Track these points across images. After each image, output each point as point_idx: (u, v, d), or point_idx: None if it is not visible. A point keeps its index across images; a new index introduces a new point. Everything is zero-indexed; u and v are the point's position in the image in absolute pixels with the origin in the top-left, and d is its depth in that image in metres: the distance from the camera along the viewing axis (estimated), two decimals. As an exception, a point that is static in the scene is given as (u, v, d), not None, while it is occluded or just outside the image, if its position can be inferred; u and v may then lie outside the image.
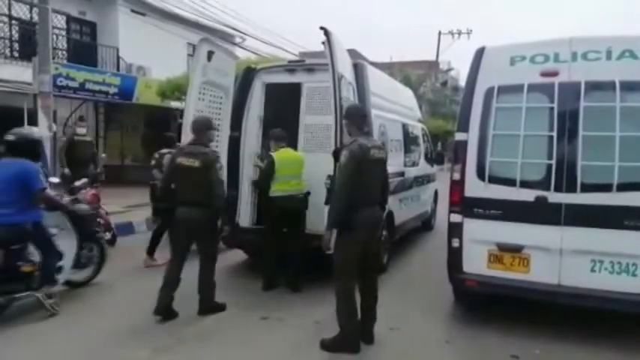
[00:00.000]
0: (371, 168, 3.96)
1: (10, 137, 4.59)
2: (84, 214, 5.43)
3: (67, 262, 5.01)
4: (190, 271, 4.74)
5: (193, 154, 4.56)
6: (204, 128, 4.72)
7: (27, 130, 4.97)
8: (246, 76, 6.32)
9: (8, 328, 4.32)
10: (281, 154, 5.51)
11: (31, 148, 4.67)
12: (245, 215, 6.20)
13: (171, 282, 4.58)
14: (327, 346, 3.99)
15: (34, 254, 4.74)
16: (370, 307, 4.14)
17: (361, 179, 3.85)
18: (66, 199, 5.38)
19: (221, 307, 4.82)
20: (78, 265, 5.28)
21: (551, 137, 4.14)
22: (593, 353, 3.99)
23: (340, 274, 3.96)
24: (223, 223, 4.75)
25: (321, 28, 4.62)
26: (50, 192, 4.87)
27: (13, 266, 4.50)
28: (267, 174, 5.50)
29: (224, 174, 4.92)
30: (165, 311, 4.54)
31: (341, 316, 3.98)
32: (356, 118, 4.14)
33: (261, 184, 5.68)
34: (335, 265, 3.96)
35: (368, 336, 4.12)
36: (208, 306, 4.75)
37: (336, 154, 4.39)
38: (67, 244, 5.02)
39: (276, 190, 5.45)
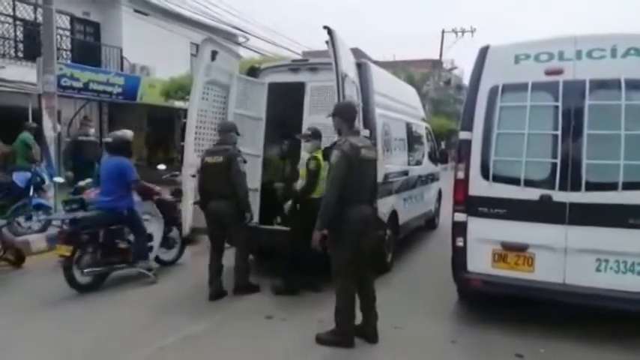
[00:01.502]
0: (361, 168, 3.99)
1: (109, 139, 5.83)
2: (169, 202, 6.36)
3: (155, 242, 6.08)
4: (194, 271, 4.75)
5: (217, 152, 5.15)
6: (227, 130, 5.28)
7: (121, 133, 5.95)
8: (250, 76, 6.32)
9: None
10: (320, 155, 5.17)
11: (125, 148, 5.75)
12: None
13: (216, 271, 5.21)
14: (322, 340, 4.05)
15: (129, 235, 5.74)
16: (371, 307, 4.15)
17: (352, 179, 3.88)
18: (157, 188, 6.28)
19: (254, 288, 5.31)
20: (166, 245, 6.35)
21: (555, 136, 4.13)
22: (598, 353, 3.97)
23: (338, 274, 4.00)
24: (247, 212, 5.21)
25: (325, 27, 4.62)
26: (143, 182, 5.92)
27: (112, 243, 5.59)
28: (317, 177, 5.12)
29: (244, 167, 5.25)
30: (217, 296, 5.14)
31: (339, 315, 4.03)
32: (346, 115, 4.15)
33: (309, 189, 5.19)
34: (332, 264, 4.00)
35: (372, 335, 4.13)
36: (241, 286, 5.25)
37: (325, 153, 4.37)
38: (155, 228, 6.10)
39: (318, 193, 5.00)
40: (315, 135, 5.34)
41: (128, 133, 5.91)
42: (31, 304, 4.99)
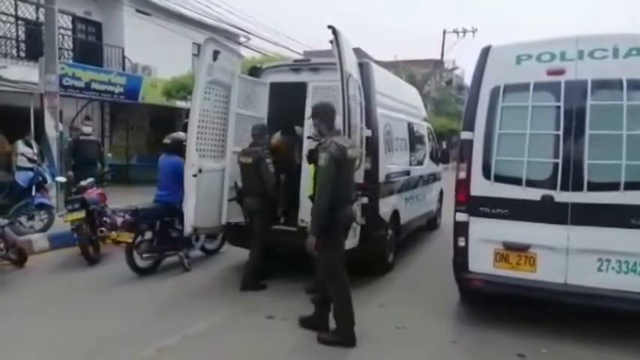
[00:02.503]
0: (348, 167, 4.05)
1: (167, 141, 6.43)
2: None
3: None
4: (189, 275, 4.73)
5: (248, 153, 5.49)
6: (259, 133, 5.59)
7: (176, 134, 6.64)
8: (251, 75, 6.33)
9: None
10: None
11: (180, 148, 6.11)
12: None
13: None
14: (324, 340, 4.08)
15: (179, 225, 6.07)
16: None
17: (341, 180, 3.93)
18: None
19: (261, 287, 5.43)
20: (210, 236, 6.80)
21: (557, 136, 4.13)
22: (600, 353, 3.97)
23: (332, 275, 4.04)
24: (278, 206, 5.68)
25: (330, 26, 4.60)
26: None
27: (166, 232, 6.17)
28: None
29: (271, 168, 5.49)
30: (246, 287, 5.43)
31: (338, 316, 4.07)
32: (325, 116, 4.18)
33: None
34: (326, 266, 4.05)
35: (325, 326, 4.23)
36: (250, 283, 5.42)
37: (311, 156, 4.35)
38: None
39: None
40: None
41: (182, 135, 6.36)
42: (33, 304, 5.00)
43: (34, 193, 7.66)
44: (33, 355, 3.92)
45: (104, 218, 6.79)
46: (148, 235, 6.05)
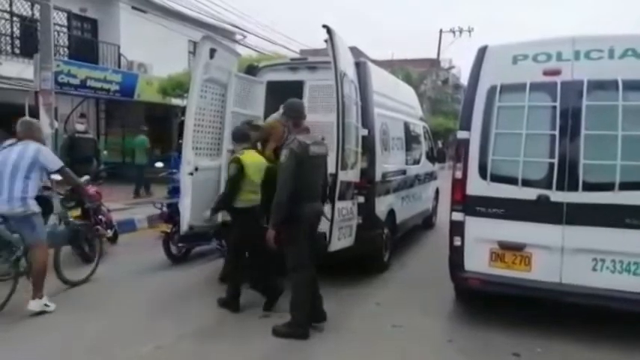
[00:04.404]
0: (311, 164, 4.15)
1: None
2: None
3: None
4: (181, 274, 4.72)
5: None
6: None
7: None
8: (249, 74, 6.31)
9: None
10: (247, 157, 4.83)
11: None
12: None
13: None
14: (278, 332, 4.16)
15: None
16: (317, 291, 4.36)
17: (302, 176, 4.05)
18: None
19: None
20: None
21: (553, 136, 4.14)
22: (594, 352, 3.99)
23: (295, 267, 4.16)
24: None
25: (324, 26, 4.61)
26: None
27: None
28: (236, 183, 4.75)
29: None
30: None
31: (295, 309, 4.16)
32: (292, 113, 4.33)
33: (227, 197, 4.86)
34: (289, 259, 4.16)
35: (321, 316, 4.38)
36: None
37: (276, 153, 4.51)
38: None
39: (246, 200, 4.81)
40: (241, 137, 5.02)
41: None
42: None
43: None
44: (31, 354, 3.90)
45: (99, 216, 6.76)
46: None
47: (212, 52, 5.45)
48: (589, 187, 4.03)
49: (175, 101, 15.08)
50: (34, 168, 4.63)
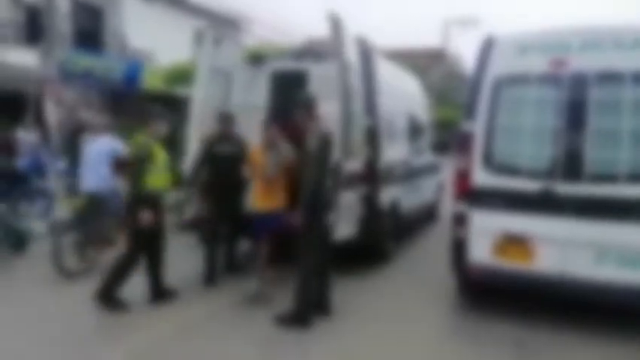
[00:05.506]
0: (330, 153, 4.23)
1: None
2: None
3: None
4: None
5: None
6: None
7: None
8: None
9: None
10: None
11: None
12: None
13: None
14: (281, 319, 4.20)
15: None
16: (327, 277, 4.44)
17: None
18: None
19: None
20: None
21: (558, 127, 4.12)
22: (597, 343, 4.00)
23: (309, 252, 4.20)
24: None
25: (330, 14, 4.59)
26: None
27: None
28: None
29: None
30: None
31: (304, 294, 4.18)
32: (306, 107, 4.38)
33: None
34: (306, 245, 4.19)
35: (328, 304, 4.44)
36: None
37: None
38: None
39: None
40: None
41: None
42: (29, 288, 5.00)
43: (34, 178, 7.67)
44: (22, 343, 3.91)
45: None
46: None
47: (217, 42, 5.45)
48: (594, 179, 4.01)
49: (180, 90, 15.05)
50: None
